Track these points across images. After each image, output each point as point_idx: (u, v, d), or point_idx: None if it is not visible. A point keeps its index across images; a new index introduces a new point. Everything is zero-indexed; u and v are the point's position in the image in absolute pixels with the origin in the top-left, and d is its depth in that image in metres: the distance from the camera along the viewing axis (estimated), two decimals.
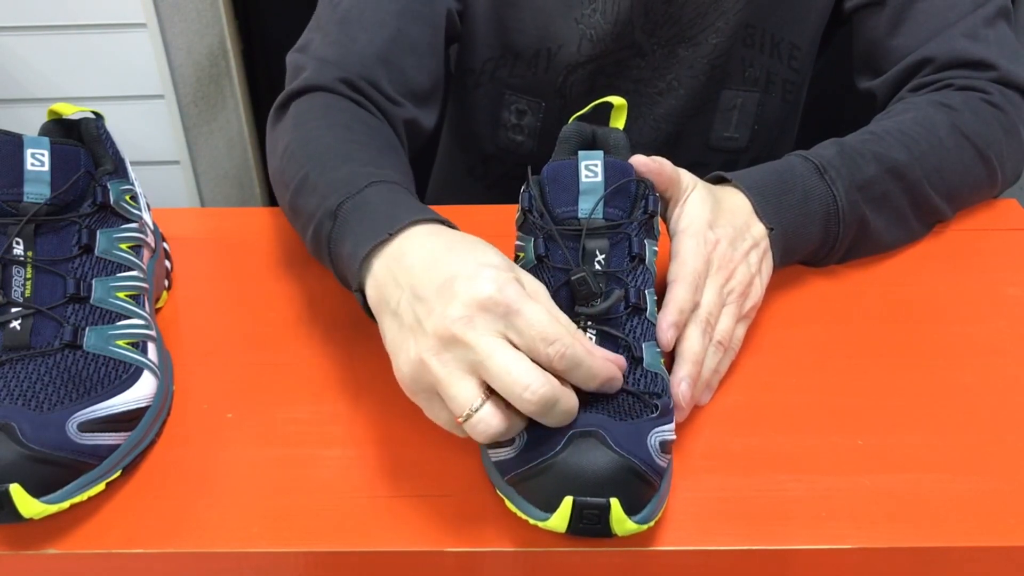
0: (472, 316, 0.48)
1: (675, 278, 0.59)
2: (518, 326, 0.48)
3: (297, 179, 0.65)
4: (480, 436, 0.48)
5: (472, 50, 0.90)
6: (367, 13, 0.78)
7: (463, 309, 0.48)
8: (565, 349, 0.48)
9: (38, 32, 1.51)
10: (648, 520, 0.48)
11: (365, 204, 0.59)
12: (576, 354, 0.48)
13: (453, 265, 0.51)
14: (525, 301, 0.48)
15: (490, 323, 0.48)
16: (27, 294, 0.55)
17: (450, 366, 0.48)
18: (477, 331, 0.48)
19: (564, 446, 0.48)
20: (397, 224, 0.55)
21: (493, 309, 0.48)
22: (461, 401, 0.48)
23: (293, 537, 0.51)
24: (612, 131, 0.64)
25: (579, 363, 0.48)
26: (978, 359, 0.63)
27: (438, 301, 0.49)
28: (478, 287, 0.48)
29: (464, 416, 0.47)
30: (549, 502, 0.47)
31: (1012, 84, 0.79)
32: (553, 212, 0.57)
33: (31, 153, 0.56)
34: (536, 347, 0.48)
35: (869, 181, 0.69)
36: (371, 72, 0.76)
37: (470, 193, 1.02)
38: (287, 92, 0.75)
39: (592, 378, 0.49)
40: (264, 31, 1.62)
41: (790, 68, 0.90)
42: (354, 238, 0.57)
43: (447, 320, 0.48)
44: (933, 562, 0.52)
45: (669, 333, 0.57)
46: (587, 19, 0.85)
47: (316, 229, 0.61)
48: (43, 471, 0.49)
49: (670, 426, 0.52)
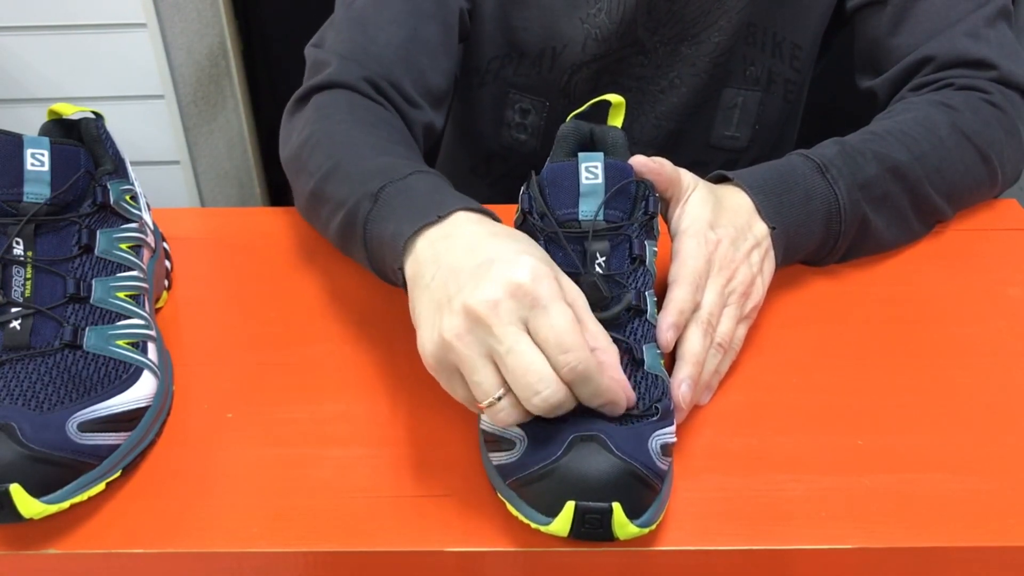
0: (500, 300, 0.48)
1: (675, 279, 0.59)
2: (540, 322, 0.48)
3: (326, 167, 0.66)
4: (500, 423, 0.49)
5: (478, 49, 0.90)
6: (383, 13, 0.78)
7: (494, 291, 0.48)
8: (577, 363, 0.47)
9: (38, 32, 1.51)
10: (650, 524, 0.48)
11: (410, 189, 0.60)
12: (587, 370, 0.48)
13: (495, 249, 0.51)
14: (555, 300, 0.48)
15: (515, 311, 0.48)
16: (27, 294, 0.55)
17: (472, 349, 0.48)
18: (501, 318, 0.47)
19: (566, 451, 0.48)
20: (446, 209, 0.55)
21: (522, 298, 0.48)
22: (485, 388, 0.48)
23: (293, 537, 0.51)
24: (610, 129, 0.64)
25: (587, 380, 0.48)
26: (978, 359, 0.63)
27: (471, 279, 0.49)
28: (513, 272, 0.48)
29: (487, 404, 0.48)
30: (551, 506, 0.47)
31: (1012, 84, 0.79)
32: (553, 214, 0.57)
33: (31, 153, 0.56)
34: (550, 351, 0.47)
35: (870, 180, 0.69)
36: (392, 72, 0.77)
37: (473, 191, 1.01)
38: (309, 86, 0.76)
39: (596, 396, 0.49)
40: (264, 31, 1.62)
41: (792, 68, 0.90)
42: (398, 219, 0.57)
43: (475, 299, 0.48)
44: (933, 562, 0.52)
45: (669, 334, 0.56)
46: (592, 19, 0.85)
47: (351, 211, 0.62)
48: (43, 471, 0.49)
49: (671, 429, 0.52)
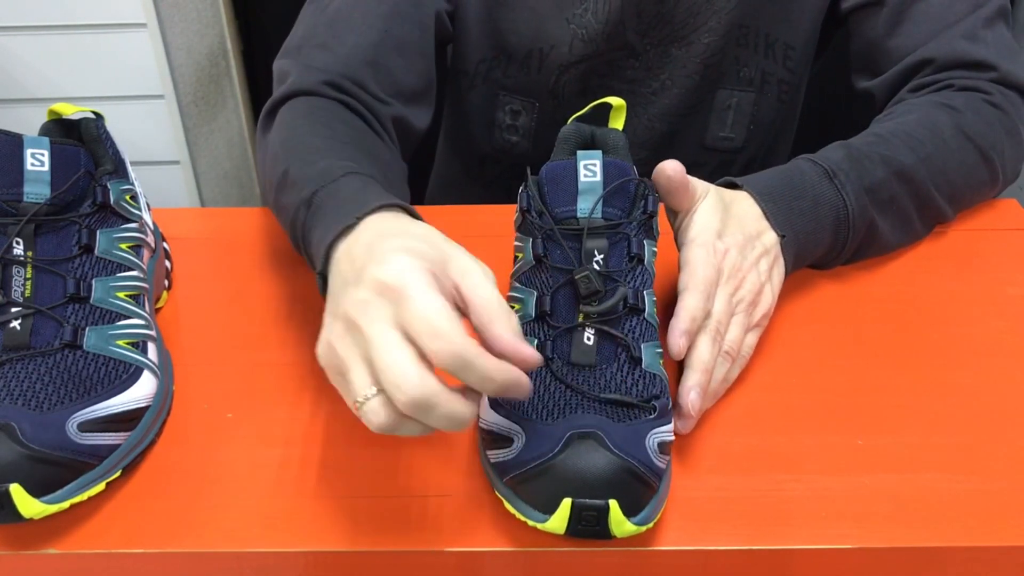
0: (369, 301, 0.47)
1: (686, 286, 0.59)
2: (406, 316, 0.45)
3: (278, 176, 0.66)
4: (371, 426, 0.46)
5: (465, 51, 0.90)
6: (356, 15, 0.78)
7: (365, 293, 0.47)
8: (451, 348, 0.44)
9: (38, 32, 1.51)
10: (647, 522, 0.48)
11: (337, 192, 0.58)
12: (464, 353, 0.44)
13: (376, 249, 0.49)
14: (423, 291, 0.46)
15: (382, 309, 0.46)
16: (27, 294, 0.55)
17: (350, 351, 0.47)
18: (370, 317, 0.46)
19: (563, 448, 0.48)
20: (364, 209, 0.54)
21: (388, 295, 0.46)
22: (354, 388, 0.46)
23: (293, 537, 0.51)
24: (611, 132, 0.64)
25: (468, 363, 0.45)
26: (978, 359, 0.63)
27: (350, 286, 0.48)
28: (381, 271, 0.47)
29: (358, 404, 0.46)
30: (548, 504, 0.47)
31: (1012, 84, 0.79)
32: (552, 212, 0.57)
33: (31, 153, 0.56)
34: (421, 341, 0.45)
35: (877, 184, 0.69)
36: (356, 73, 0.76)
37: (468, 194, 1.02)
38: (272, 100, 0.75)
39: (486, 380, 0.45)
40: (264, 31, 1.62)
41: (785, 68, 0.90)
42: (324, 225, 0.56)
43: (349, 303, 0.47)
44: (933, 562, 0.52)
45: (682, 341, 0.56)
46: (578, 19, 0.85)
47: (293, 220, 0.61)
48: (43, 471, 0.49)
49: (668, 427, 0.52)
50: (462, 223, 0.57)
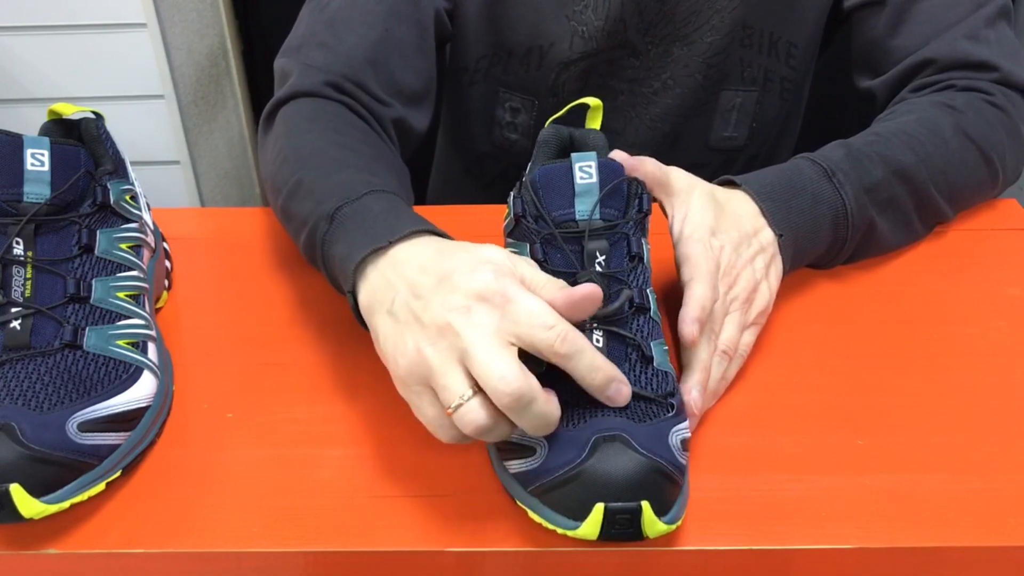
0: (470, 306, 0.48)
1: (691, 277, 0.59)
2: (516, 315, 0.48)
3: (291, 183, 0.65)
4: (467, 428, 0.47)
5: (465, 48, 0.90)
6: (355, 15, 0.78)
7: (463, 299, 0.48)
8: (567, 332, 0.47)
9: (38, 32, 1.51)
10: (676, 520, 0.48)
11: (365, 210, 0.59)
12: (578, 340, 0.48)
13: (452, 262, 0.51)
14: (522, 292, 0.49)
15: (487, 313, 0.48)
16: (27, 294, 0.55)
17: (444, 355, 0.48)
18: (471, 320, 0.48)
19: (590, 452, 0.47)
20: (397, 233, 0.55)
21: (491, 299, 0.48)
22: (452, 390, 0.47)
23: (293, 537, 0.51)
24: (590, 132, 0.64)
25: (581, 350, 0.48)
26: (978, 359, 0.63)
27: (436, 294, 0.49)
28: (477, 278, 0.49)
29: (453, 406, 0.47)
30: (578, 510, 0.47)
31: (1013, 85, 0.79)
32: (550, 215, 0.57)
33: (31, 153, 0.56)
34: (535, 333, 0.47)
35: (877, 184, 0.69)
36: (357, 73, 0.76)
37: (468, 193, 1.02)
38: (274, 100, 0.75)
39: (595, 370, 0.48)
40: (264, 31, 1.62)
41: (788, 66, 0.90)
42: (350, 242, 0.57)
43: (445, 309, 0.48)
44: (933, 562, 0.52)
45: (694, 327, 0.56)
46: (578, 16, 0.85)
47: (311, 231, 0.61)
48: (43, 471, 0.49)
49: (686, 424, 0.52)
50: (462, 222, 0.57)
